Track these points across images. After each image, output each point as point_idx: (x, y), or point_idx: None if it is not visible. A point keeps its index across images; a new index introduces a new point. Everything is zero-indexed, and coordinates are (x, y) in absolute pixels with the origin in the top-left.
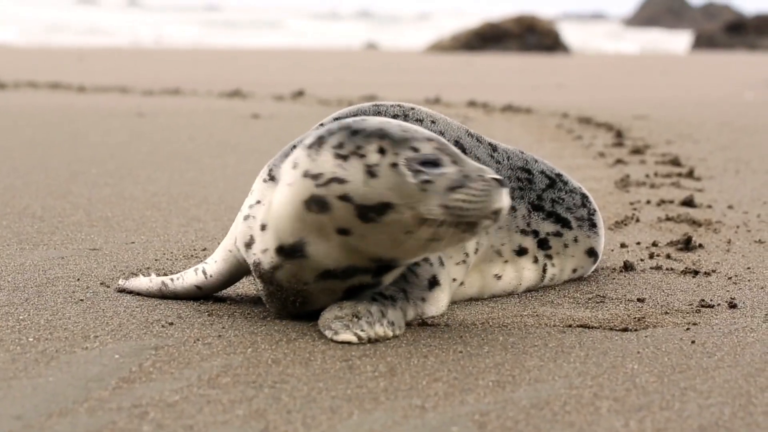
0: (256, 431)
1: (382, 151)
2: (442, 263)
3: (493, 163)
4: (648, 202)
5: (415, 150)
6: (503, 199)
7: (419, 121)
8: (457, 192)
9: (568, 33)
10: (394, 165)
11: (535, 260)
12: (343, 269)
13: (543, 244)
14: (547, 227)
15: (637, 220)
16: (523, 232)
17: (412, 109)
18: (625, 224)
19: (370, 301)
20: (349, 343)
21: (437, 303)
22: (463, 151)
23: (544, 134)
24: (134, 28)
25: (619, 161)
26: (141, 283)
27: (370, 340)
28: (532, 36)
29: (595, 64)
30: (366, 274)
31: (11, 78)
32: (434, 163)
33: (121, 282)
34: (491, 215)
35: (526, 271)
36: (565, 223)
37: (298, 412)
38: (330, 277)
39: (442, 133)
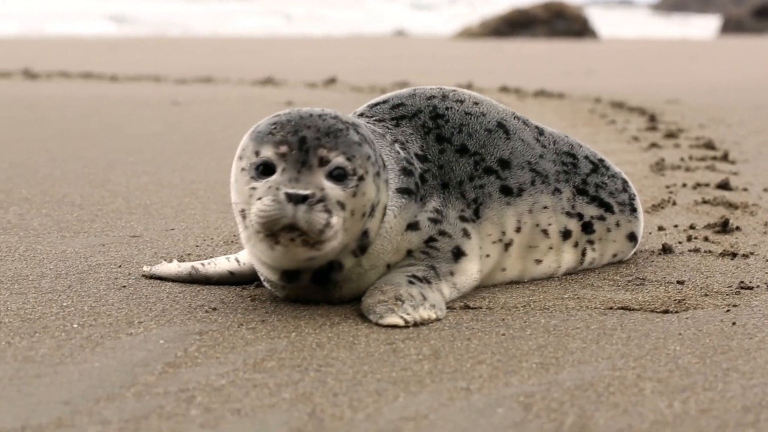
0: (304, 414)
1: (242, 153)
2: (466, 234)
3: (538, 147)
4: (684, 185)
5: (257, 154)
6: (292, 215)
7: (460, 101)
8: (256, 204)
9: (596, 18)
10: (243, 169)
11: (576, 244)
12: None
13: (587, 228)
14: (591, 211)
15: (674, 204)
16: (569, 214)
17: (454, 91)
18: (662, 207)
19: (409, 284)
20: (394, 326)
21: (466, 273)
22: (506, 132)
23: (578, 119)
24: (163, 17)
25: (653, 145)
26: (169, 268)
27: (415, 323)
28: (561, 21)
29: (624, 50)
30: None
31: (43, 68)
32: (272, 170)
33: (146, 269)
34: (282, 230)
35: (566, 255)
36: (608, 208)
37: (345, 395)
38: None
39: (483, 115)
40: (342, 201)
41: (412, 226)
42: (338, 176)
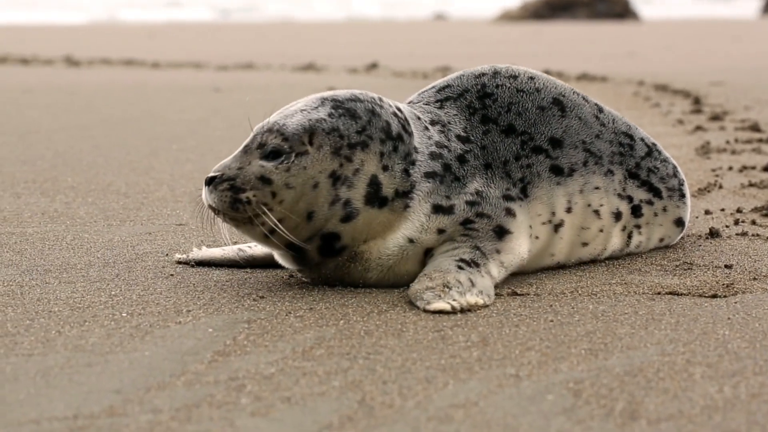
0: (354, 402)
1: None
2: (510, 213)
3: (596, 125)
4: (730, 168)
5: None
6: (206, 197)
7: (513, 77)
8: None
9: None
10: None
11: (624, 228)
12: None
13: (635, 211)
14: (640, 195)
15: (720, 187)
16: (620, 196)
17: (507, 67)
18: (708, 191)
19: (458, 269)
20: (441, 312)
21: (513, 251)
22: (562, 109)
23: (622, 102)
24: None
25: (698, 128)
26: (213, 252)
27: (462, 310)
28: (602, 3)
29: (665, 31)
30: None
31: (85, 55)
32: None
33: (180, 256)
34: (212, 210)
35: (614, 238)
36: (657, 193)
37: (394, 382)
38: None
39: (538, 91)
40: (267, 176)
41: (441, 209)
42: (271, 155)
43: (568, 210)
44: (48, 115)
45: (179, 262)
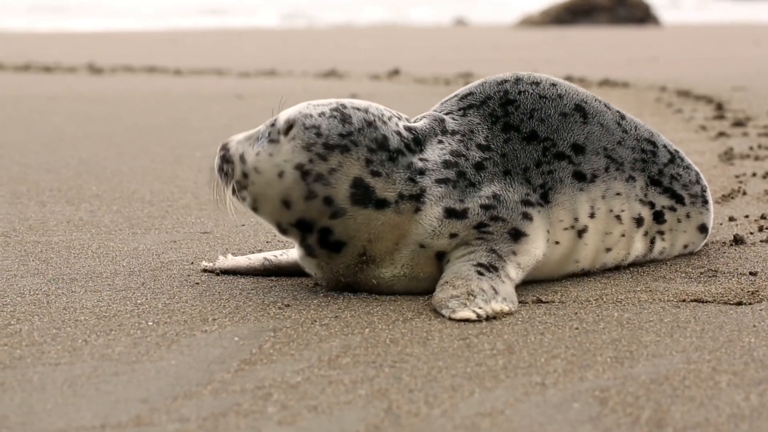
0: (380, 411)
1: None
2: (527, 217)
3: (618, 132)
4: (753, 174)
5: None
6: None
7: (535, 83)
8: None
9: (658, 4)
10: None
11: (646, 233)
12: None
13: (658, 217)
14: (663, 201)
15: (744, 193)
16: (641, 201)
17: (529, 74)
18: (732, 197)
19: (478, 276)
20: (467, 320)
21: (529, 253)
22: (584, 116)
23: (644, 108)
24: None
25: (721, 134)
26: (239, 261)
27: (487, 317)
28: (623, 8)
29: (687, 36)
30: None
31: (107, 63)
32: None
33: (206, 264)
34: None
35: (636, 243)
36: (680, 199)
37: (420, 391)
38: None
39: (560, 97)
40: (244, 156)
41: (454, 213)
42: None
43: (592, 216)
44: (72, 122)
45: (205, 270)
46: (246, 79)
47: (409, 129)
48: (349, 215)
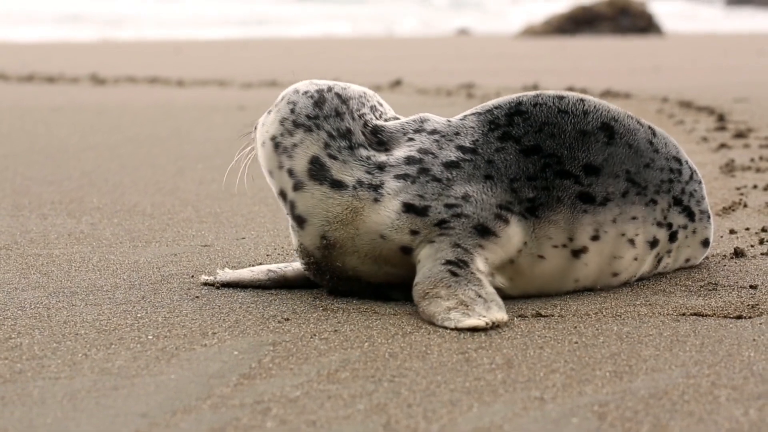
0: (378, 425)
1: None
2: (501, 218)
3: (650, 152)
4: (755, 186)
5: None
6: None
7: (559, 98)
8: None
9: (661, 13)
10: None
11: (658, 254)
12: None
13: (673, 237)
14: (680, 220)
15: (745, 206)
16: (659, 224)
17: (558, 91)
18: (733, 210)
19: (453, 276)
20: (475, 329)
21: (496, 252)
22: (611, 135)
23: (645, 119)
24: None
25: (722, 145)
26: (242, 273)
27: (493, 325)
28: (626, 18)
29: (690, 46)
30: None
31: (110, 73)
32: None
33: (205, 278)
34: None
35: (645, 266)
36: (692, 216)
37: (419, 405)
38: None
39: (585, 114)
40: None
41: (413, 209)
42: None
43: (595, 238)
44: (76, 134)
45: (205, 284)
46: (248, 90)
47: (376, 131)
48: (307, 189)
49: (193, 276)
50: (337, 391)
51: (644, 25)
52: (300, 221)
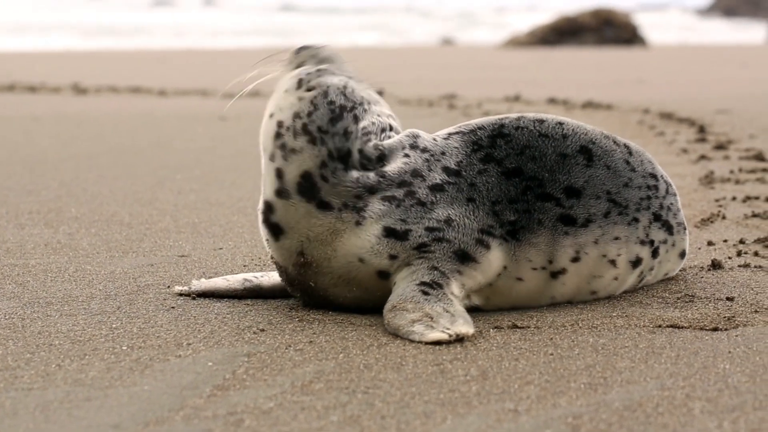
0: None
1: None
2: (482, 244)
3: (626, 172)
4: (733, 198)
5: None
6: None
7: (540, 121)
8: None
9: (645, 25)
10: None
11: (641, 272)
12: None
13: (655, 253)
14: (660, 236)
15: (723, 218)
16: (642, 242)
17: (538, 114)
18: (711, 222)
19: (425, 295)
20: (438, 342)
21: (474, 279)
22: (589, 158)
23: (627, 131)
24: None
25: (702, 157)
26: (217, 283)
27: (458, 338)
28: (610, 29)
29: (673, 57)
30: None
31: (92, 83)
32: None
33: (181, 288)
34: None
35: (626, 284)
36: (671, 230)
37: (392, 417)
38: None
39: (564, 137)
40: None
41: (394, 233)
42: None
43: (575, 260)
44: (56, 144)
45: (180, 294)
46: (230, 99)
47: (375, 149)
48: (292, 201)
49: (169, 286)
50: (311, 402)
51: (628, 36)
52: (276, 232)
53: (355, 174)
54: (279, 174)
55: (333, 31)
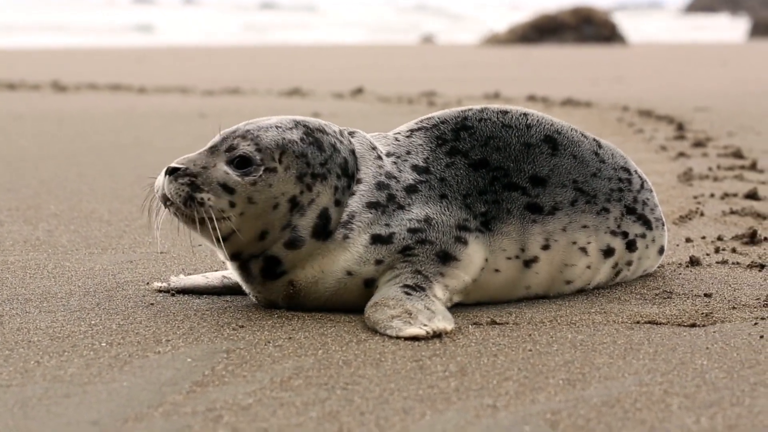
0: None
1: None
2: (460, 241)
3: (595, 162)
4: (712, 195)
5: None
6: (161, 185)
7: (503, 112)
8: None
9: (625, 23)
10: None
11: (616, 264)
12: None
13: (630, 246)
14: (636, 229)
15: (702, 214)
16: (613, 233)
17: (502, 106)
18: (690, 218)
19: (406, 296)
20: (416, 338)
21: (457, 277)
22: (554, 147)
23: (606, 128)
24: (190, 27)
25: (681, 154)
26: (196, 280)
27: (435, 334)
28: (589, 27)
29: (653, 55)
30: None
31: (72, 80)
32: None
33: (158, 284)
34: (162, 201)
35: (600, 274)
36: (648, 225)
37: (371, 413)
38: None
39: (528, 127)
40: (230, 185)
41: (380, 239)
42: (239, 163)
43: (546, 247)
44: (37, 142)
45: (159, 291)
46: (210, 97)
47: (353, 142)
48: (304, 248)
49: (148, 283)
50: (290, 398)
51: (608, 34)
52: (280, 275)
53: (352, 184)
54: (294, 229)
55: (313, 29)
